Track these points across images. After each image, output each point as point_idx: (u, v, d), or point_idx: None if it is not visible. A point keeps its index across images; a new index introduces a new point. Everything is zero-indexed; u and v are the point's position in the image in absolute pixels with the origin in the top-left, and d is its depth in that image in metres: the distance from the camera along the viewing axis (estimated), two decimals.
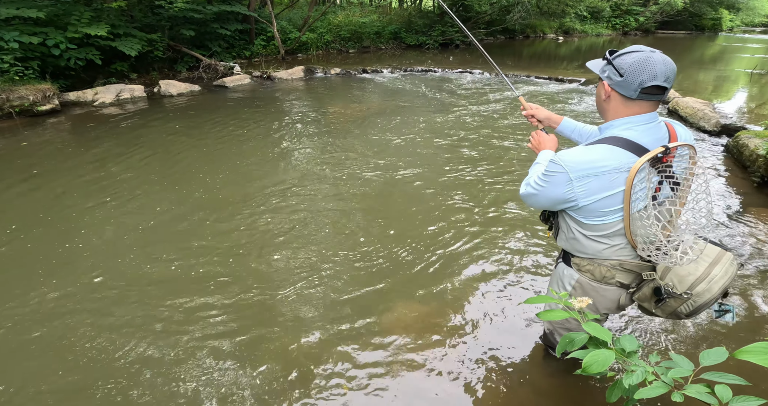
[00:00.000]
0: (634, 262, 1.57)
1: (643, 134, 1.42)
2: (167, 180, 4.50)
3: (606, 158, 1.40)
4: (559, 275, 1.77)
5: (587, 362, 1.10)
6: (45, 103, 6.92)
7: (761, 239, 3.36)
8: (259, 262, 3.12)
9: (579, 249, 1.63)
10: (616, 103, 1.45)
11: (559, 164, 1.44)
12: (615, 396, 1.22)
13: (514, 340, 2.44)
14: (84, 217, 3.76)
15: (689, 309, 1.48)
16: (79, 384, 2.19)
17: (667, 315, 1.56)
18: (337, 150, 5.35)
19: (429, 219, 3.69)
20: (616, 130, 1.45)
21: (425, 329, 2.51)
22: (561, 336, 1.94)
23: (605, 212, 1.47)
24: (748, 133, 5.19)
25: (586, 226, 1.54)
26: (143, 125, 6.44)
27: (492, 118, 6.73)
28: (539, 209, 1.71)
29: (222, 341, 2.43)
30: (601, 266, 1.60)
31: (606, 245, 1.55)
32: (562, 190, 1.46)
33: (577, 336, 1.25)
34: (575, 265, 1.68)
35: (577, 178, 1.41)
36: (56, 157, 5.16)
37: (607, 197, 1.43)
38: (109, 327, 2.54)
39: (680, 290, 1.45)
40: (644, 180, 1.40)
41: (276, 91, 8.86)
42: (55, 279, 2.95)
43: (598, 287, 1.63)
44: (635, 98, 1.39)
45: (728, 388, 1.11)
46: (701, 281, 1.44)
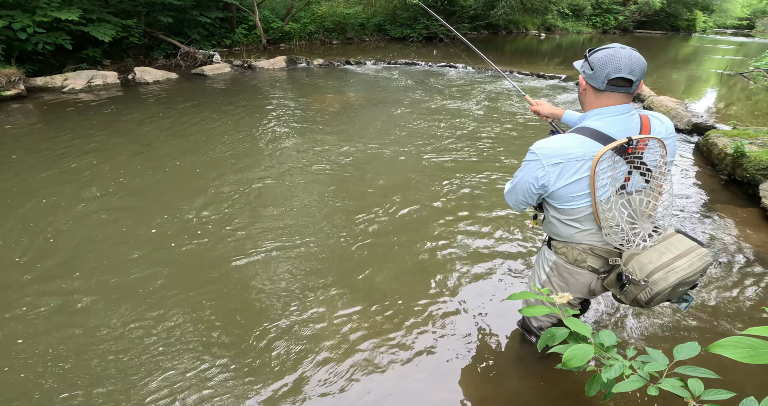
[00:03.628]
0: (603, 247, 1.64)
1: (612, 125, 1.50)
2: (139, 170, 4.37)
3: (573, 147, 1.50)
4: (541, 257, 1.90)
5: (567, 356, 1.12)
6: (9, 87, 6.65)
7: (725, 233, 3.48)
8: (231, 254, 3.08)
9: (555, 232, 1.74)
10: (589, 96, 1.56)
11: (533, 152, 1.57)
12: (594, 390, 1.24)
13: (494, 323, 2.49)
14: (44, 208, 3.63)
15: (647, 297, 1.54)
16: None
17: (630, 302, 1.63)
18: (318, 140, 5.30)
19: (409, 207, 3.71)
20: (588, 121, 1.55)
21: (403, 312, 2.53)
22: (537, 321, 2.07)
23: (573, 197, 1.55)
24: (718, 132, 5.34)
25: (560, 210, 1.64)
26: (115, 112, 6.24)
27: (475, 111, 6.76)
28: (520, 205, 1.76)
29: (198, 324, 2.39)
30: (574, 249, 1.69)
31: (577, 228, 1.64)
32: (535, 174, 1.56)
33: (558, 331, 1.27)
34: (554, 247, 1.78)
35: (548, 164, 1.52)
36: (18, 143, 4.97)
37: (573, 183, 1.52)
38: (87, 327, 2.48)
39: (639, 277, 1.52)
40: (609, 168, 1.48)
41: (257, 81, 8.70)
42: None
43: (572, 270, 1.72)
44: (603, 90, 1.49)
45: (700, 381, 1.14)
46: (659, 270, 1.50)
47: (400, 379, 2.14)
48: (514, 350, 2.32)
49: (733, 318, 2.58)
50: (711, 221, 3.68)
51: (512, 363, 2.24)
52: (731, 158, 4.49)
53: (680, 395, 1.12)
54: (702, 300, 2.73)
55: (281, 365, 2.22)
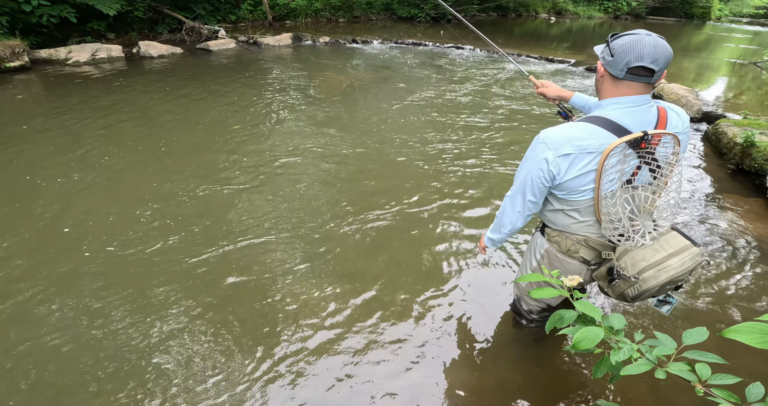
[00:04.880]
0: (598, 240, 1.62)
1: (628, 116, 1.43)
2: (142, 144, 4.36)
3: (585, 137, 1.42)
4: (533, 244, 1.87)
5: (577, 338, 1.12)
6: (13, 59, 6.59)
7: (729, 222, 3.48)
8: (233, 229, 3.09)
9: (552, 220, 1.70)
10: (607, 83, 1.47)
11: (542, 142, 1.47)
12: (601, 372, 1.25)
13: (488, 305, 2.51)
14: (47, 180, 3.63)
15: (634, 293, 1.53)
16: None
17: (616, 296, 1.62)
18: (322, 118, 5.26)
19: (412, 187, 3.72)
20: (603, 110, 1.46)
21: (396, 297, 2.54)
22: (527, 304, 2.07)
23: (580, 189, 1.50)
24: (728, 121, 5.27)
25: (562, 200, 1.59)
26: (120, 86, 6.20)
27: (481, 92, 6.68)
28: (526, 211, 1.66)
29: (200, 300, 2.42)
30: (568, 239, 1.66)
31: (576, 220, 1.61)
32: (544, 166, 1.48)
33: (566, 313, 1.27)
34: (547, 235, 1.75)
35: (558, 155, 1.44)
36: (22, 114, 4.94)
37: (582, 175, 1.46)
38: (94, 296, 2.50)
39: (629, 273, 1.50)
40: (619, 162, 1.42)
41: (262, 58, 8.59)
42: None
43: (563, 259, 1.70)
44: (622, 78, 1.40)
45: (708, 366, 1.15)
46: (651, 267, 1.48)
47: (391, 365, 2.14)
48: (507, 335, 2.33)
49: (739, 306, 2.59)
50: (716, 210, 3.67)
51: (505, 348, 2.25)
52: (740, 148, 4.45)
53: (687, 378, 1.13)
54: (708, 288, 2.74)
55: (271, 345, 2.25)
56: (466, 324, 2.38)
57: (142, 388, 1.98)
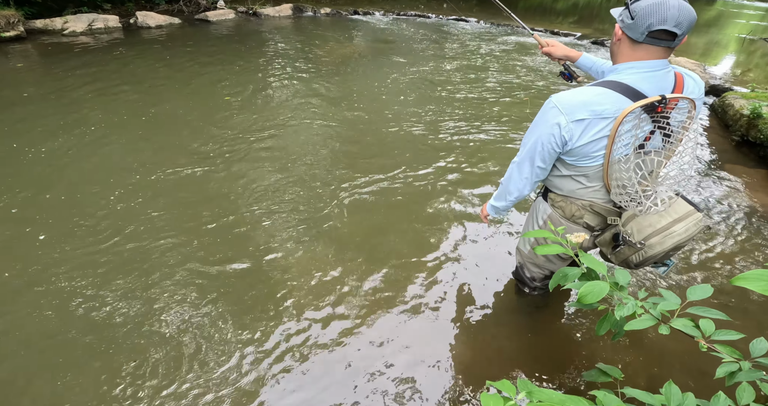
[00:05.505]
0: (604, 205, 1.60)
1: (645, 81, 1.37)
2: (139, 115, 4.30)
3: (601, 102, 1.37)
4: (536, 209, 1.83)
5: (583, 292, 1.12)
6: (9, 29, 6.46)
7: (733, 191, 3.49)
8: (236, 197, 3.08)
9: (557, 186, 1.66)
10: (624, 47, 1.41)
11: (554, 106, 1.42)
12: (604, 329, 1.26)
13: (491, 272, 2.52)
14: (43, 151, 3.60)
15: (638, 259, 1.53)
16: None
17: (619, 262, 1.61)
18: (321, 90, 5.18)
19: (411, 157, 3.69)
20: (619, 74, 1.41)
21: (397, 265, 2.55)
22: (530, 271, 2.06)
23: (591, 155, 1.46)
24: (735, 94, 5.24)
25: (570, 166, 1.55)
26: (119, 55, 6.09)
27: (483, 64, 6.56)
28: (534, 178, 1.62)
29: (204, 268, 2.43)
30: (573, 204, 1.64)
31: (582, 185, 1.57)
32: (555, 131, 1.43)
33: (570, 271, 1.27)
34: (550, 200, 1.72)
35: (572, 120, 1.39)
36: (18, 85, 4.87)
37: (595, 141, 1.42)
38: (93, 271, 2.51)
39: (636, 240, 1.49)
40: (633, 127, 1.38)
41: (262, 28, 8.41)
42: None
43: (566, 225, 1.68)
44: (641, 42, 1.34)
45: (712, 322, 1.15)
46: (657, 233, 1.47)
47: (390, 334, 2.14)
48: (509, 303, 2.34)
49: (741, 271, 2.60)
50: (719, 180, 3.67)
51: (506, 315, 2.27)
52: (747, 119, 4.41)
53: (691, 334, 1.13)
54: (711, 254, 2.75)
55: (269, 309, 2.27)
56: (467, 293, 2.39)
57: (142, 359, 2.01)
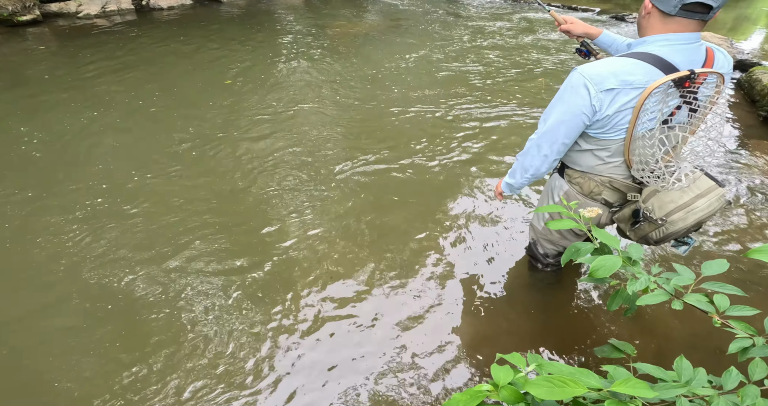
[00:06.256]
0: (623, 182, 1.57)
1: (677, 53, 1.33)
2: (156, 96, 4.34)
3: (632, 72, 1.32)
4: (551, 186, 1.79)
5: (595, 266, 1.11)
6: (25, 13, 6.52)
7: (756, 168, 3.39)
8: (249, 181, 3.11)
9: (575, 161, 1.62)
10: (654, 20, 1.36)
11: (582, 75, 1.36)
12: (616, 304, 1.25)
13: (503, 249, 2.52)
14: (67, 129, 3.67)
15: (659, 236, 1.50)
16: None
17: (638, 239, 1.59)
18: (331, 69, 5.15)
19: (422, 137, 3.67)
20: (649, 46, 1.36)
21: (407, 237, 2.57)
22: (543, 248, 2.05)
23: (616, 127, 1.42)
24: (763, 68, 5.05)
25: (592, 140, 1.50)
26: (131, 38, 6.11)
27: (498, 42, 6.40)
28: (554, 154, 1.56)
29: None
30: (591, 180, 1.60)
31: (602, 160, 1.54)
32: (582, 102, 1.37)
33: (583, 246, 1.26)
34: (567, 176, 1.68)
35: (601, 90, 1.34)
36: (39, 68, 4.95)
37: (624, 112, 1.37)
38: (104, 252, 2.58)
39: (657, 216, 1.46)
40: (660, 101, 1.34)
41: (273, 7, 8.33)
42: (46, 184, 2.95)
43: (584, 201, 1.65)
44: (674, 14, 1.29)
45: (726, 297, 1.13)
46: (679, 209, 1.44)
47: (402, 311, 2.16)
48: (521, 279, 2.34)
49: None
50: (744, 155, 3.57)
51: (519, 292, 2.27)
52: None
53: (704, 309, 1.12)
54: (731, 230, 2.70)
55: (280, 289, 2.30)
56: (479, 269, 2.40)
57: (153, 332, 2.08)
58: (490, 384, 0.94)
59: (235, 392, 1.80)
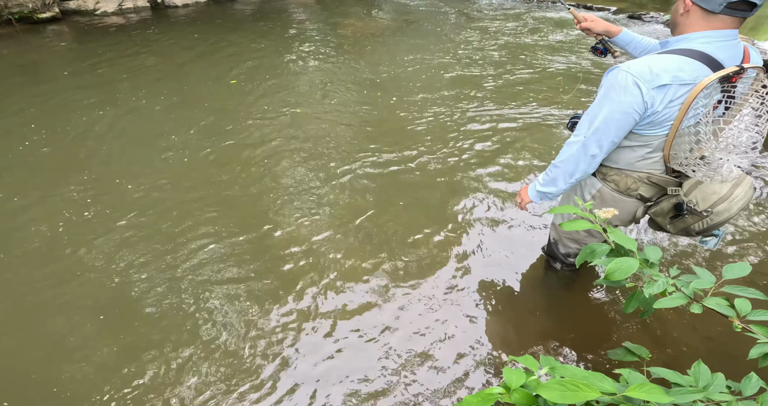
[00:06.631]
0: (662, 176, 1.56)
1: (721, 50, 1.34)
2: (170, 93, 4.38)
3: (682, 68, 1.32)
4: (580, 183, 1.75)
5: (611, 268, 1.09)
6: (45, 10, 6.63)
7: None
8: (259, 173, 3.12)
9: (611, 158, 1.60)
10: (695, 18, 1.36)
11: (629, 74, 1.34)
12: (632, 307, 1.23)
13: (517, 249, 2.49)
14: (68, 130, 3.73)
15: (702, 227, 1.51)
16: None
17: (678, 231, 1.59)
18: (343, 66, 5.16)
19: (431, 139, 3.64)
20: (692, 43, 1.37)
21: (423, 238, 2.55)
22: (565, 247, 2.02)
23: (662, 123, 1.41)
24: None
25: (635, 136, 1.48)
26: (146, 36, 6.18)
27: (512, 42, 6.33)
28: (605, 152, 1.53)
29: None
30: (629, 177, 1.59)
31: (642, 156, 1.53)
32: (633, 101, 1.36)
33: (599, 247, 1.24)
34: (600, 174, 1.66)
35: (653, 87, 1.33)
36: (57, 64, 5.02)
37: (672, 108, 1.37)
38: (113, 240, 2.60)
39: (702, 208, 1.47)
40: (707, 96, 1.34)
41: (286, 5, 8.35)
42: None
43: (619, 198, 1.64)
44: (719, 12, 1.30)
45: (748, 301, 1.10)
46: (723, 200, 1.45)
47: (417, 309, 2.15)
48: (537, 279, 2.32)
49: None
50: (766, 156, 3.49)
51: (534, 291, 2.25)
52: None
53: (725, 313, 1.09)
54: (751, 231, 2.64)
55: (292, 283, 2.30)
56: (491, 271, 2.38)
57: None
58: (501, 386, 0.92)
59: (240, 401, 1.80)
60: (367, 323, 2.10)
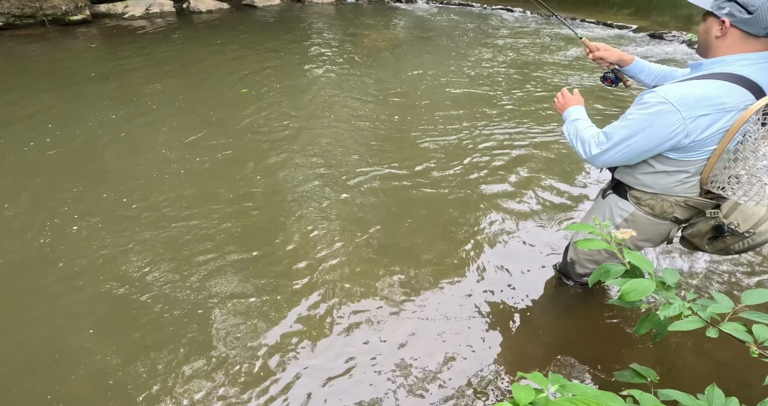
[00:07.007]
0: (699, 199, 1.55)
1: (759, 72, 1.33)
2: (188, 95, 4.48)
3: (723, 95, 1.30)
4: (609, 206, 1.74)
5: (626, 289, 1.08)
6: (77, 13, 6.84)
7: None
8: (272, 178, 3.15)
9: (647, 184, 1.58)
10: (732, 41, 1.34)
11: (667, 102, 1.33)
12: (645, 328, 1.22)
13: (527, 267, 2.47)
14: (103, 124, 3.83)
15: (743, 247, 1.52)
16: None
17: (716, 251, 1.59)
18: (357, 78, 5.20)
19: (449, 154, 3.63)
20: (730, 66, 1.34)
21: (435, 252, 2.54)
22: (583, 268, 2.00)
23: (701, 149, 1.40)
24: None
25: (671, 162, 1.47)
26: (171, 40, 6.34)
27: (527, 60, 6.35)
28: (619, 164, 1.54)
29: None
30: (665, 201, 1.58)
31: (680, 181, 1.51)
32: (671, 131, 1.35)
33: (613, 267, 1.23)
34: (634, 198, 1.65)
35: (691, 117, 1.32)
36: (84, 65, 5.18)
37: (711, 136, 1.35)
38: (128, 250, 2.64)
39: (743, 229, 1.46)
40: (754, 122, 1.32)
41: (306, 14, 8.49)
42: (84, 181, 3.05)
43: (654, 221, 1.63)
44: (763, 36, 1.30)
45: (766, 328, 1.09)
46: (765, 220, 1.45)
47: (422, 325, 2.13)
48: (547, 296, 2.30)
49: None
50: None
51: (543, 308, 2.22)
52: None
53: (742, 339, 1.07)
54: None
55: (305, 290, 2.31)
56: (502, 284, 2.37)
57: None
58: (510, 403, 0.92)
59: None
60: (375, 340, 2.06)
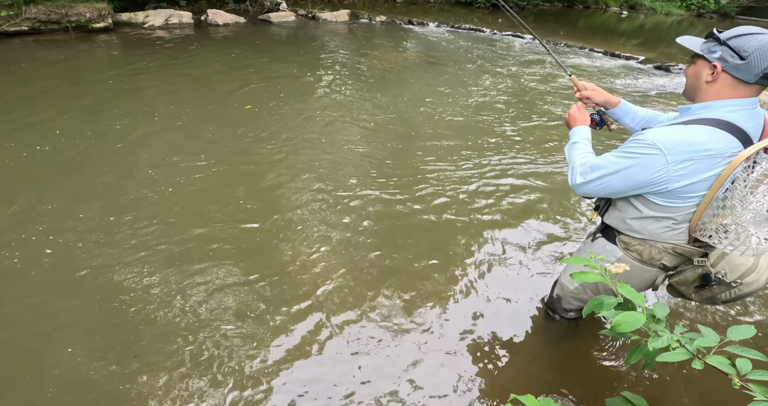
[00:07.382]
0: (687, 247, 1.53)
1: (746, 119, 1.32)
2: (191, 111, 4.51)
3: (709, 141, 1.29)
4: (597, 250, 1.72)
5: (617, 321, 1.14)
6: (99, 21, 7.06)
7: None
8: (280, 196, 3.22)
9: (635, 228, 1.56)
10: (723, 86, 1.33)
11: (654, 146, 1.32)
12: (634, 358, 1.27)
13: (520, 296, 2.48)
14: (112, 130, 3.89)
15: (729, 296, 1.50)
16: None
17: (702, 299, 1.57)
18: (366, 97, 5.28)
19: (450, 181, 3.62)
20: (717, 112, 1.34)
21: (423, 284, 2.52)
22: (568, 304, 2.00)
23: (691, 196, 1.39)
24: None
25: (659, 208, 1.46)
26: (188, 51, 6.51)
27: (534, 87, 6.47)
28: (600, 196, 1.55)
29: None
30: (653, 247, 1.56)
31: (668, 227, 1.50)
32: (653, 173, 1.35)
33: (606, 299, 1.29)
34: (622, 243, 1.63)
35: (675, 161, 1.31)
36: (103, 71, 5.32)
37: (698, 182, 1.35)
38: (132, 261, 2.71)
39: (730, 279, 1.45)
40: (747, 169, 1.31)
41: (320, 32, 8.70)
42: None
43: (640, 267, 1.61)
44: (753, 83, 1.29)
45: (749, 361, 1.14)
46: (752, 271, 1.44)
47: (408, 354, 2.09)
48: (538, 325, 2.31)
49: None
50: None
51: (533, 337, 2.24)
52: None
53: (725, 371, 1.13)
54: (763, 295, 2.64)
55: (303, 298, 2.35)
56: (494, 312, 2.37)
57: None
58: None
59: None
60: (369, 366, 2.04)
